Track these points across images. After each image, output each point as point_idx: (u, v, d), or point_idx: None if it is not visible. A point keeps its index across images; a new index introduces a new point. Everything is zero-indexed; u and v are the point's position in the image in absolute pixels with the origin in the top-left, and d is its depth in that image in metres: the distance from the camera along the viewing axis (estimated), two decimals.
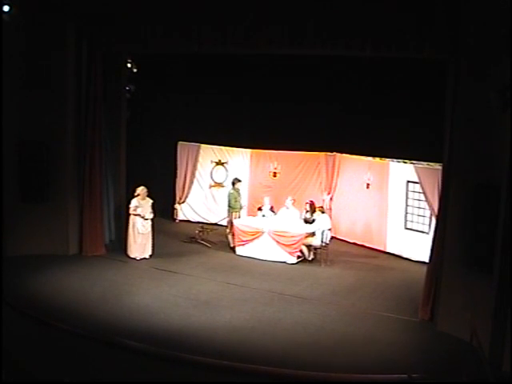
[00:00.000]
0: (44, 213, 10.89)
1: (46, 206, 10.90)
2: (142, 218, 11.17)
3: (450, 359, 7.45)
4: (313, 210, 12.06)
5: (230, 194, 12.61)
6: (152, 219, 11.34)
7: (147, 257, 11.31)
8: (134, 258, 11.18)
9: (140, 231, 11.20)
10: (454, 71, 8.29)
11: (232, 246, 12.20)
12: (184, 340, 7.77)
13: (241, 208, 12.62)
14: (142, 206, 11.19)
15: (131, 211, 11.17)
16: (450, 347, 7.81)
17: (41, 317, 8.22)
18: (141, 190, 11.24)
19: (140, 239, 11.23)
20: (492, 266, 7.31)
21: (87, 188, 11.11)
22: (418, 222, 11.80)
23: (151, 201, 11.33)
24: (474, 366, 6.60)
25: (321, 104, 12.44)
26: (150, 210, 11.26)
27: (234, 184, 12.65)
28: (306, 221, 12.01)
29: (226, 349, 7.54)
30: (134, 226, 11.19)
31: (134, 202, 11.18)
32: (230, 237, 12.38)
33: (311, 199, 12.41)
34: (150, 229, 11.31)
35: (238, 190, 12.62)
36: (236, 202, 12.47)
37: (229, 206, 12.50)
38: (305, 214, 12.14)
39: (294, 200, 12.39)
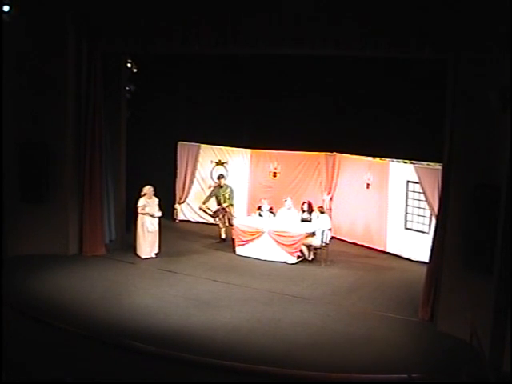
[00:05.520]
0: (44, 213, 10.89)
1: (45, 206, 10.90)
2: (151, 216, 11.22)
3: (450, 359, 7.46)
4: (310, 209, 12.07)
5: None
6: (159, 217, 11.41)
7: (153, 256, 11.34)
8: (140, 257, 11.22)
9: (149, 229, 11.26)
10: (454, 71, 8.30)
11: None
12: (184, 340, 7.77)
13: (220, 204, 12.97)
14: (149, 204, 11.24)
15: (140, 210, 11.22)
16: (450, 347, 7.81)
17: (41, 317, 8.23)
18: (147, 189, 11.30)
19: (150, 237, 11.29)
20: (492, 266, 7.30)
21: (87, 188, 11.11)
22: (418, 222, 11.80)
23: (157, 199, 11.39)
24: (474, 366, 6.60)
25: (321, 104, 12.44)
26: (157, 208, 11.33)
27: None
28: (304, 220, 12.01)
29: (226, 349, 7.54)
30: (143, 225, 11.24)
31: (141, 202, 11.23)
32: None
33: (308, 199, 12.40)
34: (157, 227, 11.38)
35: (219, 187, 12.96)
36: (209, 197, 13.15)
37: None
38: (301, 214, 12.14)
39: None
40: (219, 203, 12.89)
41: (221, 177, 13.11)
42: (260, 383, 7.06)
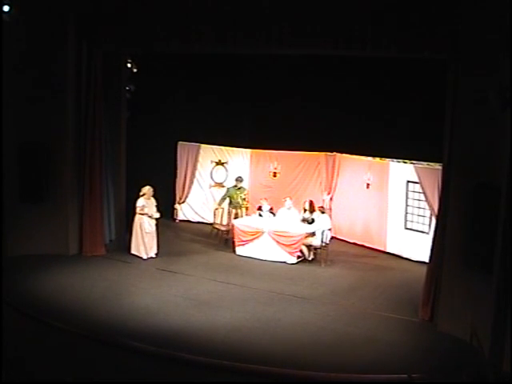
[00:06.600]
0: (44, 213, 10.89)
1: (45, 206, 10.89)
2: (149, 217, 11.21)
3: (450, 359, 7.46)
4: (312, 209, 12.06)
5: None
6: (157, 218, 11.41)
7: (153, 256, 11.34)
8: (141, 258, 11.21)
9: (147, 230, 11.23)
10: (454, 71, 8.29)
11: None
12: (184, 340, 7.77)
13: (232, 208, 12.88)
14: (148, 205, 11.24)
15: (138, 211, 11.20)
16: (449, 347, 7.82)
17: (41, 317, 8.23)
18: (147, 189, 11.28)
19: (147, 238, 11.28)
20: (492, 266, 7.30)
21: (87, 188, 11.11)
22: (418, 222, 11.80)
23: (155, 201, 11.40)
24: (474, 366, 6.60)
25: (321, 104, 12.45)
26: (155, 209, 11.33)
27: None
28: (305, 220, 12.00)
29: (226, 349, 7.54)
30: (140, 225, 11.21)
31: (140, 202, 11.21)
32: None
33: (310, 199, 12.40)
34: (154, 228, 11.36)
35: (237, 189, 12.85)
36: (223, 200, 12.95)
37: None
38: (303, 213, 12.14)
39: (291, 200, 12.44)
40: (234, 204, 12.81)
41: (239, 179, 12.97)
42: (260, 383, 7.06)
